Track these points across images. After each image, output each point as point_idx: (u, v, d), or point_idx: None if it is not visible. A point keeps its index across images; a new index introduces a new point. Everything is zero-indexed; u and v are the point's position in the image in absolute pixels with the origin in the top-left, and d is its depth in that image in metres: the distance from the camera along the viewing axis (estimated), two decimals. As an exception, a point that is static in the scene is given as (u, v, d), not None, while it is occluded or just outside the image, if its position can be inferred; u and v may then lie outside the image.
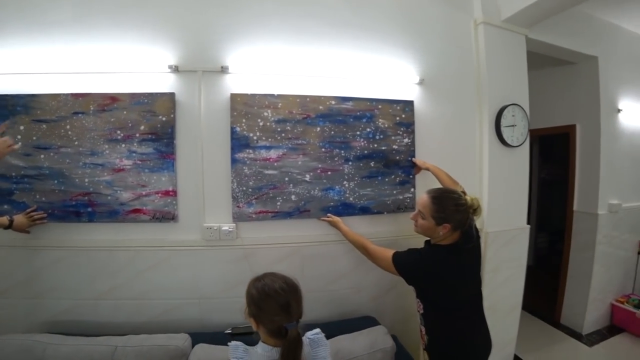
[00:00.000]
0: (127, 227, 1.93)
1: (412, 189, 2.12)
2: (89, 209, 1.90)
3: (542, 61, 2.97)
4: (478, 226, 1.58)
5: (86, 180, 1.89)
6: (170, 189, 1.88)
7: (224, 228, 1.88)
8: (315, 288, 2.06)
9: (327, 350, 1.27)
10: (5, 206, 1.90)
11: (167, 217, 1.89)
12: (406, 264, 1.56)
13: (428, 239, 1.62)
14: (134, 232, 1.93)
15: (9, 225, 1.79)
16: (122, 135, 1.87)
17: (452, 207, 1.51)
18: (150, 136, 1.87)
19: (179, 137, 1.89)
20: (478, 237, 1.55)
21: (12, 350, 1.64)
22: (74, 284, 1.97)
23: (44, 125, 1.88)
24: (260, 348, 1.20)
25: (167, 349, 1.64)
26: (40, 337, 1.73)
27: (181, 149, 1.89)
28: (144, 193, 1.88)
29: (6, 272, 1.97)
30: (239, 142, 1.90)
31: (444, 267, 1.49)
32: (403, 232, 2.13)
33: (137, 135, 1.87)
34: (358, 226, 2.03)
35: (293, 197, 1.96)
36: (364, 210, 2.06)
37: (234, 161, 1.90)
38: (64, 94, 1.89)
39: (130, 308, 1.98)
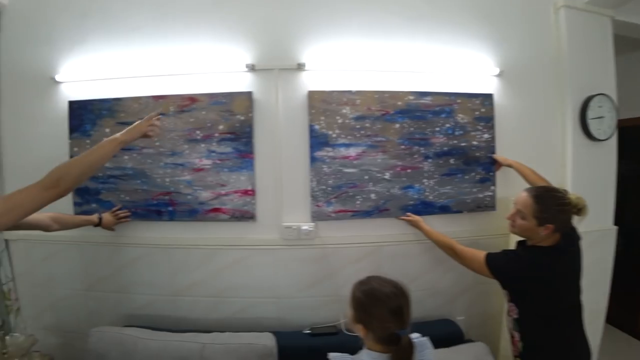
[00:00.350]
0: (206, 226, 1.89)
1: (493, 187, 1.97)
2: (170, 208, 1.86)
3: (633, 45, 2.68)
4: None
5: (167, 180, 1.86)
6: (249, 188, 1.82)
7: (303, 227, 1.81)
8: None
9: (432, 354, 1.18)
10: (93, 205, 1.90)
11: (245, 216, 1.83)
12: (503, 265, 1.44)
13: (521, 240, 1.51)
14: (212, 231, 1.89)
15: (99, 223, 1.79)
16: (201, 135, 1.82)
17: (556, 206, 1.38)
18: (229, 136, 1.81)
19: (257, 136, 1.83)
20: (579, 239, 1.39)
21: (107, 342, 1.68)
22: (154, 280, 1.98)
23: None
24: (367, 356, 1.10)
25: (256, 348, 1.60)
26: (130, 331, 1.74)
27: (259, 148, 1.83)
28: (223, 192, 1.83)
29: (94, 268, 2.01)
30: (317, 140, 1.81)
31: (546, 270, 1.37)
32: (483, 231, 2.01)
33: (216, 134, 1.82)
34: (437, 226, 1.91)
35: (372, 195, 1.86)
36: (444, 209, 1.93)
37: (313, 160, 1.82)
38: (145, 97, 1.87)
39: (207, 305, 1.96)
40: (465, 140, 1.95)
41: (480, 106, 1.96)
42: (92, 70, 1.95)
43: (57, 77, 1.97)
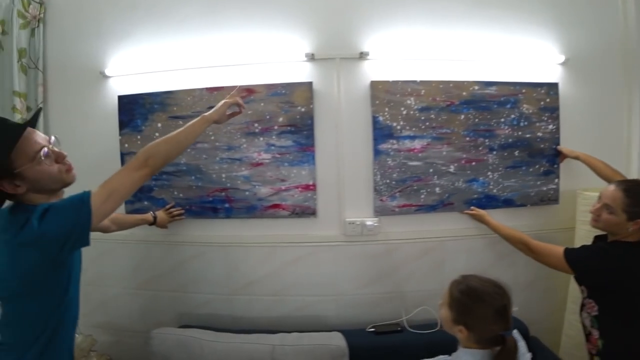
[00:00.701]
0: (265, 223, 1.78)
1: (556, 180, 1.85)
2: (226, 205, 1.75)
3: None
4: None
5: (223, 175, 1.74)
6: (311, 183, 1.70)
7: (368, 223, 1.70)
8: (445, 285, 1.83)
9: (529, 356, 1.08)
10: (145, 202, 1.79)
11: (306, 212, 1.72)
12: (585, 260, 1.35)
13: (600, 235, 1.42)
14: (272, 228, 1.80)
15: (154, 222, 1.67)
16: (259, 128, 1.70)
17: None
18: (289, 128, 1.69)
19: (318, 129, 1.72)
20: None
21: (170, 345, 1.59)
22: (210, 278, 1.90)
23: (181, 122, 1.75)
24: (468, 355, 1.03)
25: (329, 348, 1.51)
26: (192, 333, 1.66)
27: (320, 140, 1.71)
28: (283, 188, 1.71)
29: (146, 266, 1.94)
30: (382, 132, 1.70)
31: (633, 266, 1.28)
32: (545, 226, 1.91)
33: (276, 127, 1.70)
34: (500, 220, 1.79)
35: (437, 189, 1.75)
36: (507, 203, 1.81)
37: (377, 152, 1.70)
38: (198, 89, 1.75)
39: (266, 303, 1.88)
40: (530, 131, 1.83)
41: (546, 96, 1.84)
42: (142, 63, 1.86)
43: (106, 72, 1.86)
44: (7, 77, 1.89)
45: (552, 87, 1.87)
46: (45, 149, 0.94)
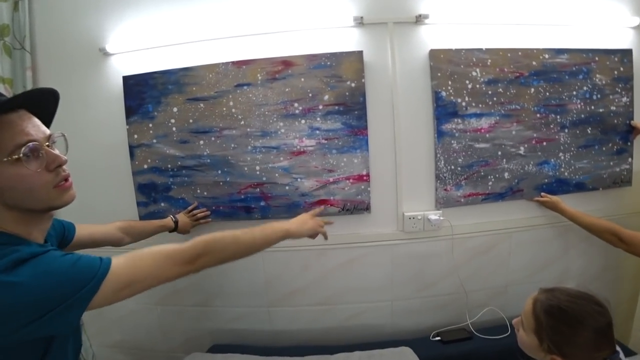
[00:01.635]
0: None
1: (630, 159, 1.54)
2: (262, 203, 1.36)
3: None
4: None
5: (257, 168, 1.35)
6: (364, 172, 1.33)
7: (431, 217, 1.36)
8: (518, 280, 1.60)
9: None
10: (162, 204, 1.39)
11: (359, 207, 1.35)
12: None
13: None
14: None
15: (175, 228, 1.26)
16: (300, 108, 1.31)
17: None
18: (337, 107, 1.31)
19: (371, 108, 1.38)
20: None
21: None
22: (245, 289, 1.57)
23: (202, 105, 1.34)
24: None
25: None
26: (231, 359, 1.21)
27: (374, 122, 1.37)
28: (331, 180, 1.33)
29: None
30: (445, 110, 1.33)
31: None
32: (619, 210, 1.63)
33: (320, 107, 1.31)
34: (571, 206, 1.49)
35: (506, 174, 1.40)
36: (579, 187, 1.49)
37: (440, 134, 1.34)
38: (223, 64, 1.35)
39: (311, 315, 1.58)
40: (603, 105, 1.51)
41: (619, 64, 1.50)
42: (151, 35, 1.48)
43: (107, 48, 1.45)
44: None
45: (626, 54, 1.53)
46: (32, 144, 0.59)
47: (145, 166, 1.52)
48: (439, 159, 1.43)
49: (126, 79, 1.49)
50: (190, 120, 1.45)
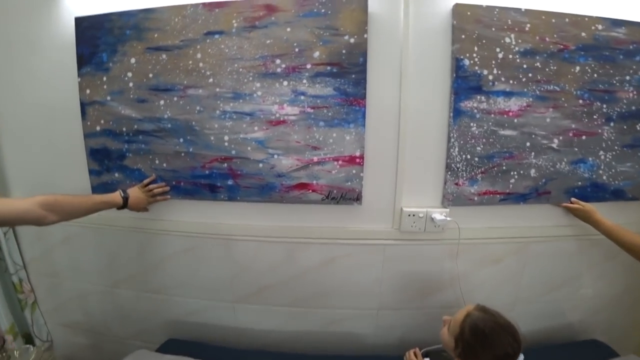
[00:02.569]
0: (287, 210, 1.08)
1: (681, 165, 1.14)
2: (230, 182, 1.02)
3: None
4: None
5: (225, 138, 1.01)
6: (357, 153, 0.97)
7: (436, 216, 1.01)
8: (529, 297, 1.29)
9: None
10: (116, 174, 1.07)
11: (348, 196, 1.00)
12: None
13: None
14: (296, 217, 1.10)
15: (124, 204, 0.90)
16: (283, 66, 0.96)
17: None
18: (329, 68, 0.95)
19: (372, 72, 1.00)
20: None
21: None
22: (208, 280, 1.24)
23: (164, 55, 0.99)
24: None
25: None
26: None
27: (375, 90, 1.00)
28: (315, 159, 0.98)
29: (126, 260, 1.29)
30: (466, 84, 0.96)
31: None
32: None
33: (308, 66, 0.96)
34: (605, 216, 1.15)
35: (533, 171, 1.05)
36: (616, 195, 1.16)
37: (457, 113, 0.97)
38: (191, 5, 1.00)
39: (282, 316, 1.28)
40: (660, 95, 1.09)
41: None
42: None
43: None
44: None
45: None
46: None
47: (98, 128, 1.19)
48: (452, 145, 1.07)
49: (79, 21, 1.16)
50: (150, 75, 1.11)
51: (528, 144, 1.12)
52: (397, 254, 1.16)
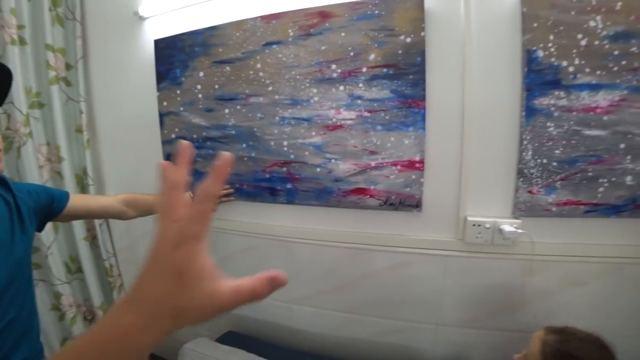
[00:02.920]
0: (345, 215, 1.06)
1: None
2: (289, 186, 1.04)
3: None
4: None
5: (285, 143, 1.03)
6: (417, 158, 0.91)
7: (505, 227, 0.91)
8: (622, 330, 1.01)
9: None
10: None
11: (407, 203, 0.94)
12: None
13: None
14: (354, 222, 1.08)
15: None
16: (339, 71, 0.94)
17: None
18: (385, 70, 0.92)
19: (431, 71, 0.95)
20: None
21: None
22: None
23: (228, 68, 1.04)
24: None
25: None
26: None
27: (434, 90, 0.94)
28: (373, 164, 0.95)
29: None
30: (541, 78, 0.84)
31: None
32: None
33: (364, 69, 0.93)
34: None
35: (628, 179, 0.87)
36: None
37: (530, 112, 0.86)
38: (250, 19, 1.05)
39: (336, 321, 1.24)
40: None
41: None
42: None
43: (140, 11, 1.22)
44: (39, 29, 1.35)
45: None
46: None
47: (173, 135, 1.32)
48: (525, 148, 0.96)
49: (157, 43, 1.30)
50: (216, 86, 1.19)
51: (622, 145, 0.95)
52: (460, 266, 1.08)
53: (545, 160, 0.97)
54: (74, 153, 1.52)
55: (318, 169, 1.11)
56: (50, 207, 0.83)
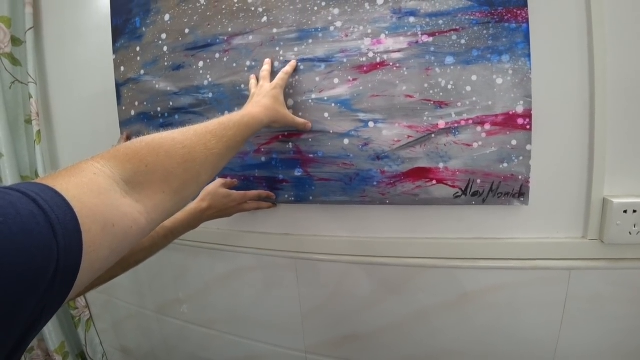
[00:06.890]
0: (392, 215, 0.52)
1: None
2: (298, 172, 0.64)
3: None
4: None
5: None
6: (519, 110, 0.41)
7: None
8: None
9: None
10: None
11: (504, 189, 0.42)
12: None
13: None
14: (408, 226, 0.60)
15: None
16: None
17: None
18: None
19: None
20: None
21: None
22: (271, 316, 0.70)
23: (202, 1, 0.52)
24: None
25: None
26: None
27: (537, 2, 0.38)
28: (441, 125, 0.46)
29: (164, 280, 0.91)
30: None
31: None
32: None
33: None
34: None
35: None
36: None
37: None
38: None
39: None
40: None
41: None
42: None
43: None
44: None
45: None
46: None
47: (133, 112, 0.86)
48: None
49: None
50: (186, 31, 0.73)
51: None
52: (595, 285, 0.58)
53: None
54: (19, 149, 1.10)
55: (346, 141, 0.63)
56: None
